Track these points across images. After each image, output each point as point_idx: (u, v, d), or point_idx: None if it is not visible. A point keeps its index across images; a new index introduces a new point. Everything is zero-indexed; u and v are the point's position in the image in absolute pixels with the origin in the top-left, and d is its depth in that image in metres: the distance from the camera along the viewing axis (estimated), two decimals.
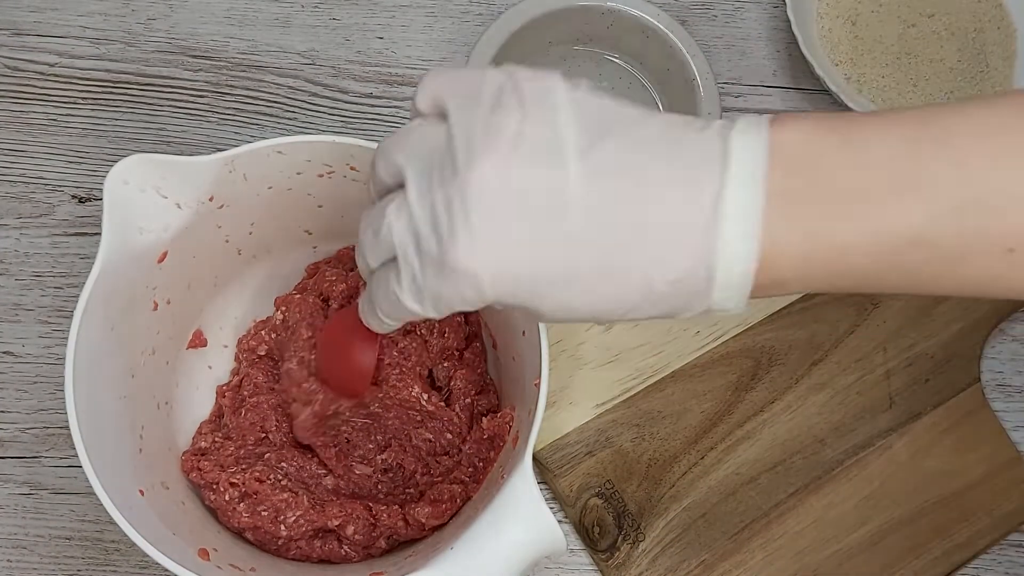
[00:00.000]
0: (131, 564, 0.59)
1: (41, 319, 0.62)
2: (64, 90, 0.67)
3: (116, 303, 0.49)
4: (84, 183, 0.65)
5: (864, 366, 0.63)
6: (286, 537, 0.53)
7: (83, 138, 0.66)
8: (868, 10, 0.70)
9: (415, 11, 0.70)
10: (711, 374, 0.62)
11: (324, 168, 0.52)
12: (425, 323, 0.55)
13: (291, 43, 0.69)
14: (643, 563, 0.58)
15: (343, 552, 0.54)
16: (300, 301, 0.56)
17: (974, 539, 0.60)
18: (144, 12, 0.69)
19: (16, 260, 0.63)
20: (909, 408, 0.62)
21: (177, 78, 0.67)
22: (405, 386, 0.55)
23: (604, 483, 0.59)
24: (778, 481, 0.60)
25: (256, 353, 0.58)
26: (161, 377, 0.56)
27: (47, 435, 0.60)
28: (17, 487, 0.60)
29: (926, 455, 0.61)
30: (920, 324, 0.63)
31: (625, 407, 0.61)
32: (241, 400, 0.57)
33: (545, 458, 0.60)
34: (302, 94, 0.68)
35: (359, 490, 0.55)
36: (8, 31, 0.68)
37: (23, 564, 0.58)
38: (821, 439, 0.61)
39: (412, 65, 0.69)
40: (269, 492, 0.52)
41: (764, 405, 0.62)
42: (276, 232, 0.57)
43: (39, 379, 0.61)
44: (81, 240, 0.64)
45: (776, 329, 0.63)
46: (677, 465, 0.60)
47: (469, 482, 0.54)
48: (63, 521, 0.59)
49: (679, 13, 0.71)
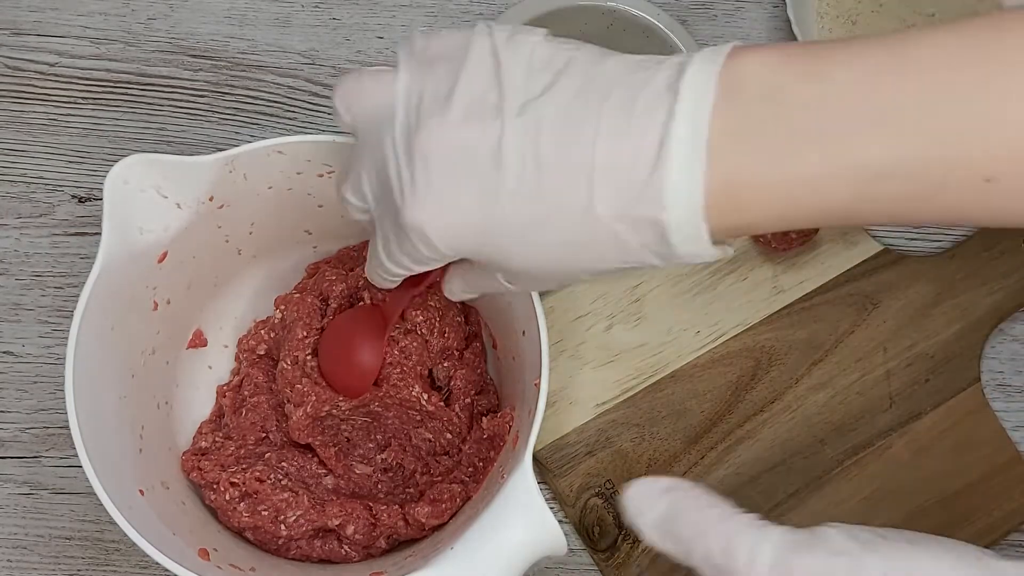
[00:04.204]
0: (131, 564, 0.59)
1: (41, 319, 0.62)
2: (64, 90, 0.67)
3: (116, 303, 0.49)
4: (84, 183, 0.65)
5: (864, 366, 0.63)
6: (286, 537, 0.53)
7: (83, 138, 0.66)
8: (868, 10, 0.70)
9: (415, 11, 0.70)
10: (711, 374, 0.62)
11: (324, 168, 0.52)
12: (425, 323, 0.55)
13: (291, 43, 0.69)
14: (643, 563, 0.58)
15: (343, 552, 0.54)
16: (299, 301, 0.56)
17: (974, 539, 0.60)
18: (144, 12, 0.69)
19: (16, 260, 0.63)
20: (909, 408, 0.62)
21: (177, 78, 0.67)
22: (406, 385, 0.55)
23: (604, 483, 0.59)
24: (778, 481, 0.60)
25: (256, 353, 0.58)
26: (161, 377, 0.56)
27: (47, 435, 0.60)
28: (17, 487, 0.60)
29: (926, 455, 0.61)
30: (920, 324, 0.63)
31: (625, 407, 0.61)
32: (242, 400, 0.57)
33: (545, 458, 0.60)
34: (302, 94, 0.68)
35: (359, 490, 0.55)
36: (8, 31, 0.68)
37: (23, 564, 0.58)
38: (821, 439, 0.61)
39: None
40: (269, 492, 0.52)
41: (764, 405, 0.62)
42: (276, 232, 0.57)
43: (39, 379, 0.61)
44: (81, 240, 0.64)
45: (776, 329, 0.63)
46: (677, 465, 0.60)
47: (469, 482, 0.54)
48: (63, 521, 0.59)
49: (679, 13, 0.71)
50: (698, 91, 0.35)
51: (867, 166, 0.34)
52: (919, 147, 0.34)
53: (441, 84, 0.38)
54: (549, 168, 0.36)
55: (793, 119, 0.35)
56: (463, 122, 0.37)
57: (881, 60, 0.34)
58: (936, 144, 0.34)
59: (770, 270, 0.64)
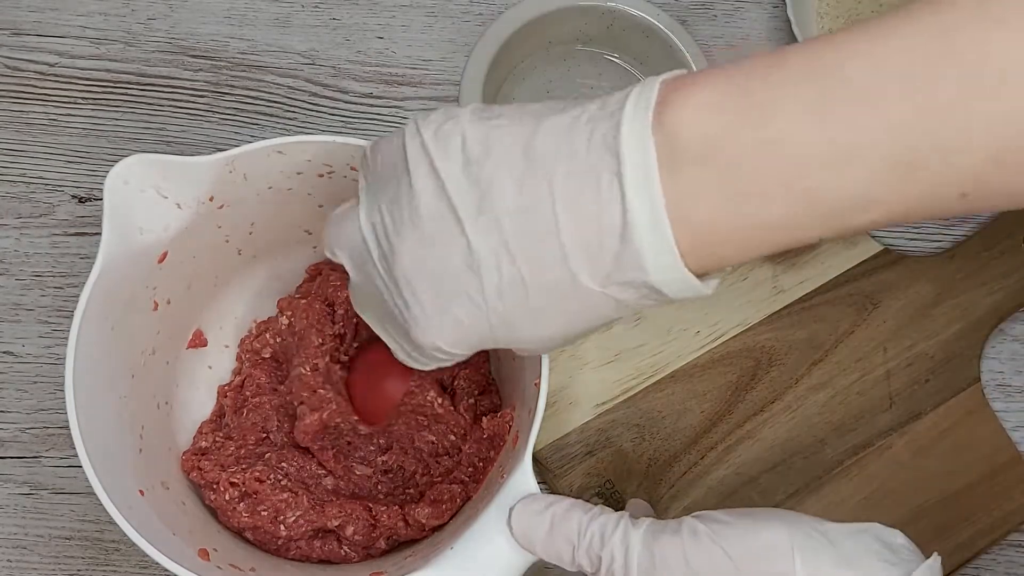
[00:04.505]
0: (131, 564, 0.59)
1: (41, 319, 0.62)
2: (64, 90, 0.67)
3: (116, 303, 0.49)
4: (84, 183, 0.65)
5: (864, 366, 0.63)
6: (286, 537, 0.53)
7: (83, 138, 0.66)
8: (868, 10, 0.70)
9: (415, 11, 0.70)
10: (711, 374, 0.62)
11: (324, 168, 0.52)
12: None
13: (291, 43, 0.69)
14: None
15: (343, 552, 0.54)
16: (306, 307, 0.56)
17: (974, 539, 0.60)
18: (144, 12, 0.69)
19: (16, 260, 0.63)
20: (909, 408, 0.62)
21: (177, 78, 0.67)
22: (422, 391, 0.55)
23: (604, 483, 0.59)
24: (778, 481, 0.60)
25: (260, 355, 0.58)
26: (161, 377, 0.56)
27: (47, 435, 0.60)
28: (17, 487, 0.60)
29: (926, 455, 0.61)
30: (920, 324, 0.63)
31: (625, 407, 0.61)
32: (243, 400, 0.57)
33: (545, 458, 0.60)
34: (302, 94, 0.68)
35: (359, 490, 0.55)
36: (8, 31, 0.68)
37: (23, 564, 0.58)
38: (821, 439, 0.61)
39: (412, 65, 0.69)
40: (269, 492, 0.52)
41: (764, 405, 0.62)
42: (276, 232, 0.57)
43: (39, 379, 0.61)
44: (81, 240, 0.64)
45: (776, 329, 0.63)
46: (677, 465, 0.60)
47: (469, 482, 0.54)
48: (63, 521, 0.59)
49: (679, 13, 0.71)
50: (639, 152, 0.34)
51: (837, 201, 0.33)
52: (885, 175, 0.32)
53: (395, 205, 0.39)
54: (524, 259, 0.36)
55: (743, 169, 0.33)
56: (430, 243, 0.38)
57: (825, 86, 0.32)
58: (902, 170, 0.32)
59: (770, 270, 0.64)
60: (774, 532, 0.40)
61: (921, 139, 0.32)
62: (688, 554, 0.41)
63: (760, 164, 0.33)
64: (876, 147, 0.32)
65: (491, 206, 0.36)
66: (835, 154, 0.32)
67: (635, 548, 0.42)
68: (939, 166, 0.32)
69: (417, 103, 0.68)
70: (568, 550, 0.43)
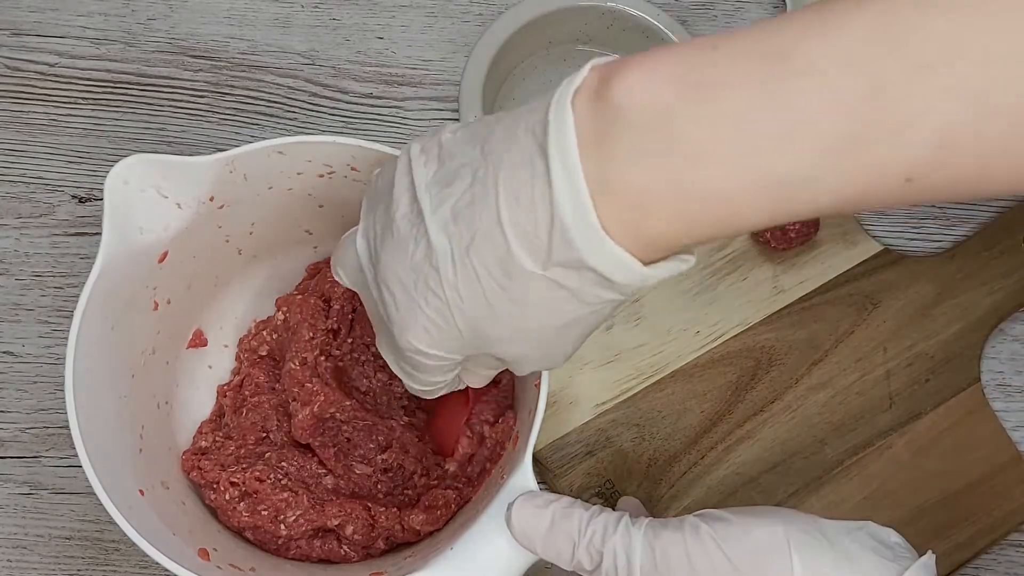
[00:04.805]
0: (131, 564, 0.59)
1: (41, 319, 0.62)
2: (64, 90, 0.67)
3: (116, 303, 0.49)
4: (84, 183, 0.65)
5: (864, 366, 0.63)
6: (286, 537, 0.53)
7: (83, 138, 0.66)
8: None
9: (415, 11, 0.70)
10: (711, 374, 0.62)
11: (324, 168, 0.52)
12: None
13: (291, 43, 0.69)
14: None
15: (343, 552, 0.54)
16: (301, 302, 0.56)
17: (974, 539, 0.60)
18: (144, 12, 0.69)
19: (16, 260, 0.63)
20: (909, 408, 0.62)
21: (177, 78, 0.67)
22: None
23: (604, 483, 0.59)
24: (778, 481, 0.60)
25: (258, 353, 0.58)
26: (161, 377, 0.56)
27: (47, 435, 0.60)
28: (17, 487, 0.60)
29: (926, 455, 0.61)
30: (920, 324, 0.63)
31: (625, 407, 0.61)
32: (242, 400, 0.57)
33: (545, 458, 0.60)
34: (302, 94, 0.68)
35: (359, 490, 0.55)
36: (8, 31, 0.68)
37: (23, 564, 0.58)
38: (821, 439, 0.61)
39: (412, 65, 0.69)
40: (269, 491, 0.52)
41: (764, 405, 0.62)
42: (276, 232, 0.57)
43: (39, 379, 0.61)
44: (81, 240, 0.64)
45: (776, 329, 0.63)
46: (677, 465, 0.60)
47: (464, 488, 0.54)
48: (63, 521, 0.59)
49: (679, 13, 0.71)
50: (559, 126, 0.35)
51: (781, 178, 0.33)
52: (830, 155, 0.32)
53: (382, 217, 0.41)
54: (475, 250, 0.37)
55: (686, 141, 0.33)
56: (403, 244, 0.39)
57: (773, 64, 0.32)
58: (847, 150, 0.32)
59: (770, 270, 0.64)
60: (772, 530, 0.41)
61: (867, 117, 0.32)
62: (690, 551, 0.41)
63: (706, 135, 0.33)
64: (823, 124, 0.32)
65: (449, 203, 0.38)
66: (782, 129, 0.32)
67: (637, 545, 0.42)
68: (885, 148, 0.32)
69: (417, 103, 0.68)
70: (568, 547, 0.44)
